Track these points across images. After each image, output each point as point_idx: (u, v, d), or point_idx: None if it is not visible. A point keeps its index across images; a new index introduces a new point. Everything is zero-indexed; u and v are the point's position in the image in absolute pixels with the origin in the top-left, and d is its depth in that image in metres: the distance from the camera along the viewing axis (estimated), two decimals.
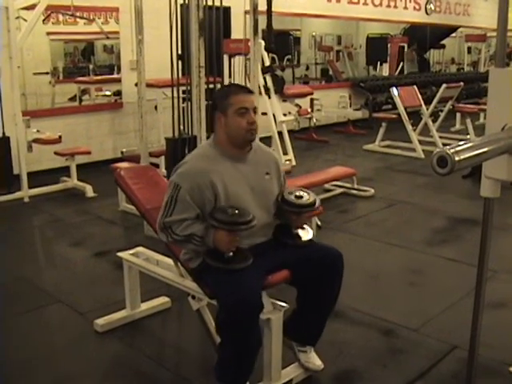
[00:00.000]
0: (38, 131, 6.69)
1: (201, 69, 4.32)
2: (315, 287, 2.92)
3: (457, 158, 1.49)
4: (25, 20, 6.62)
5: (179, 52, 5.18)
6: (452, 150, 1.48)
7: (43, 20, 7.82)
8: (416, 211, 6.18)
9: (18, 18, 6.54)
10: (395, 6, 13.28)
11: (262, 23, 5.57)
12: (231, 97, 2.83)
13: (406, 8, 13.63)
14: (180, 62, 5.49)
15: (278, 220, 3.04)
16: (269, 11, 8.02)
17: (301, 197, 3.03)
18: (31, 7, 6.45)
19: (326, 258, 2.92)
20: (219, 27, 5.46)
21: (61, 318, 3.87)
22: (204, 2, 4.71)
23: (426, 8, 14.20)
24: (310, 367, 3.06)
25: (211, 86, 5.02)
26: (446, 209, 6.19)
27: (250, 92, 2.95)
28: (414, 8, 13.89)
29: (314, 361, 3.07)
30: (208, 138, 4.91)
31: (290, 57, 13.48)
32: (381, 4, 12.84)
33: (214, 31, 5.33)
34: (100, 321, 3.59)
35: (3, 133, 6.38)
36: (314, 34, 14.58)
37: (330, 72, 14.44)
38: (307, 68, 14.88)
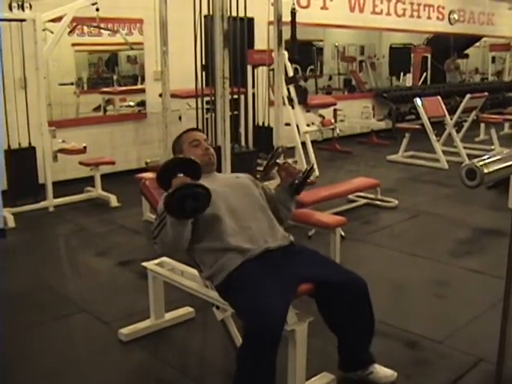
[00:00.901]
0: (63, 141, 6.75)
1: (225, 80, 4.33)
2: (348, 316, 2.95)
3: (486, 171, 1.48)
4: (51, 32, 6.69)
5: (203, 63, 5.22)
6: (481, 163, 1.48)
7: (69, 32, 7.90)
8: (440, 222, 6.13)
9: (44, 30, 6.61)
10: (418, 16, 13.25)
11: (285, 34, 5.60)
12: (183, 136, 3.24)
13: (429, 18, 13.59)
14: (203, 73, 5.52)
15: (282, 221, 3.22)
16: (293, 22, 8.06)
17: None
18: (57, 19, 6.52)
19: (351, 287, 2.91)
20: (243, 38, 5.49)
21: (85, 327, 3.88)
22: (228, 13, 4.74)
23: (449, 18, 14.15)
24: (387, 382, 3.06)
25: (235, 96, 5.04)
26: (471, 220, 6.14)
27: (198, 130, 3.42)
28: (438, 18, 13.86)
29: (386, 374, 3.07)
30: (232, 148, 4.96)
31: (312, 67, 13.49)
32: (404, 14, 12.81)
33: (238, 42, 5.37)
34: (124, 330, 3.61)
35: (29, 143, 6.44)
36: (336, 44, 14.57)
37: (353, 82, 14.42)
38: (330, 78, 14.86)
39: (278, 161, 3.26)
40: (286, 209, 3.27)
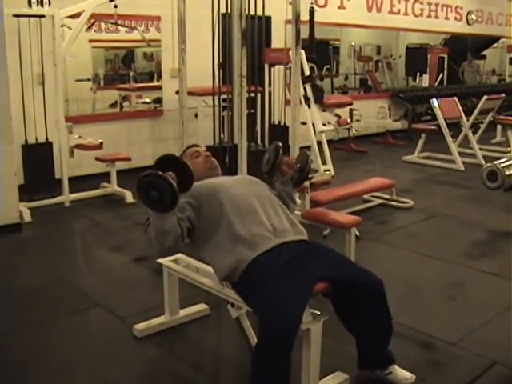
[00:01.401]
0: (79, 137, 6.78)
1: (243, 78, 4.33)
2: (364, 316, 2.97)
3: (507, 173, 1.48)
4: (69, 28, 6.73)
5: (219, 61, 5.22)
6: (503, 165, 1.47)
7: (87, 28, 7.94)
8: (455, 224, 6.11)
9: (62, 26, 6.65)
10: (436, 17, 13.20)
11: (302, 33, 5.61)
12: (185, 152, 3.46)
13: (447, 18, 13.53)
14: (220, 71, 5.52)
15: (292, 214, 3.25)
16: (311, 21, 8.05)
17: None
18: (76, 16, 6.56)
19: (367, 286, 2.92)
20: (260, 37, 5.48)
21: (100, 322, 3.91)
22: (246, 12, 4.73)
23: (467, 18, 14.08)
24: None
25: (252, 95, 5.04)
26: (486, 222, 6.11)
27: (198, 145, 3.60)
28: (456, 18, 13.79)
29: (405, 376, 3.08)
30: (249, 146, 4.96)
31: (328, 67, 13.47)
32: (421, 14, 12.77)
33: (256, 41, 5.36)
34: (139, 326, 3.63)
35: (46, 138, 6.48)
36: (353, 43, 14.53)
37: (369, 82, 14.38)
38: (346, 78, 14.83)
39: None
40: (291, 201, 3.38)
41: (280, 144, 3.35)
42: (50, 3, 6.23)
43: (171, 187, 2.69)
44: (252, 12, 5.13)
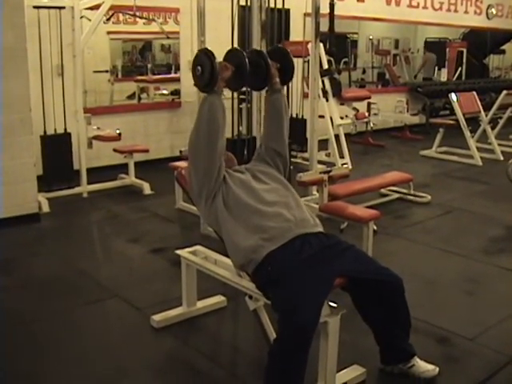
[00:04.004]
0: (98, 128, 6.81)
1: None
2: (383, 312, 2.99)
3: None
4: (89, 20, 6.74)
5: None
6: None
7: (105, 20, 7.96)
8: (473, 219, 6.08)
9: (82, 17, 6.67)
10: (456, 10, 13.09)
11: (321, 26, 5.62)
12: None
13: (466, 12, 13.41)
14: None
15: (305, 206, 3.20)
16: (331, 14, 8.01)
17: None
18: (95, 7, 6.57)
19: (387, 284, 2.93)
20: (280, 29, 5.48)
21: (118, 313, 3.93)
22: (266, 4, 4.74)
23: (487, 12, 13.95)
24: (428, 376, 3.08)
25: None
26: (505, 217, 6.08)
27: None
28: (475, 12, 13.66)
29: (427, 368, 3.09)
30: None
31: (346, 60, 13.42)
32: (441, 8, 12.67)
33: (276, 33, 5.37)
34: (156, 317, 3.65)
35: (65, 129, 6.51)
36: (371, 37, 14.48)
37: (387, 76, 14.32)
38: (364, 71, 14.78)
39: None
40: (286, 110, 3.34)
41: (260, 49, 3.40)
42: None
43: (211, 63, 2.84)
44: (271, 5, 5.13)
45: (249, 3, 5.12)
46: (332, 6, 8.15)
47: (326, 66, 8.04)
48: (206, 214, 3.10)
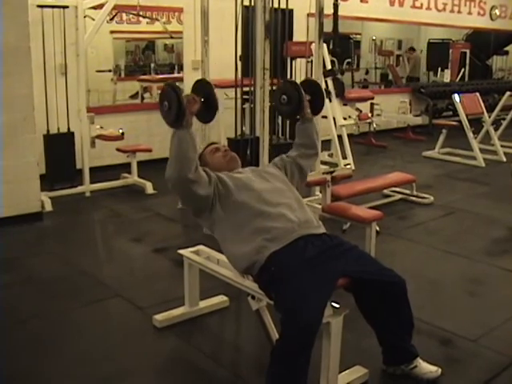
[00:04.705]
0: (101, 127, 6.81)
1: (265, 71, 4.33)
2: (386, 313, 2.99)
3: None
4: (92, 19, 6.75)
5: (240, 53, 5.23)
6: None
7: (109, 19, 7.97)
8: (476, 220, 6.07)
9: (85, 16, 6.67)
10: (459, 11, 13.08)
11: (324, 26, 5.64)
12: (204, 150, 3.42)
13: (470, 13, 13.40)
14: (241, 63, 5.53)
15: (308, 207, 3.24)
16: (335, 15, 8.01)
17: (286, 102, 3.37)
18: (99, 7, 6.57)
19: (390, 285, 2.93)
20: (283, 29, 5.47)
21: (120, 312, 3.93)
22: (270, 4, 4.74)
23: (490, 13, 13.93)
24: (431, 377, 3.08)
25: (274, 87, 5.04)
26: (507, 219, 6.07)
27: (216, 143, 3.58)
28: (479, 13, 13.65)
29: (430, 369, 3.09)
30: (270, 139, 4.97)
31: (349, 60, 13.41)
32: (444, 9, 12.66)
33: (279, 33, 5.36)
34: (159, 316, 3.65)
35: (68, 128, 6.51)
36: (374, 37, 14.47)
37: (390, 77, 14.30)
38: (367, 72, 14.78)
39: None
40: (314, 144, 3.45)
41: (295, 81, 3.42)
42: None
43: (178, 98, 2.73)
44: (275, 5, 5.12)
45: (252, 3, 5.12)
46: (336, 6, 8.15)
47: (329, 67, 8.04)
48: (206, 225, 3.19)
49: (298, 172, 3.39)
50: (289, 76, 7.85)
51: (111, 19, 8.19)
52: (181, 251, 3.71)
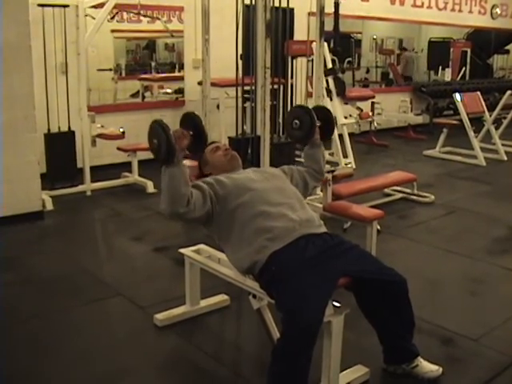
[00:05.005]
0: (102, 126, 6.81)
1: (266, 69, 4.32)
2: (387, 312, 2.99)
3: None
4: (93, 18, 6.74)
5: (240, 52, 5.23)
6: None
7: (109, 18, 7.95)
8: (477, 219, 6.07)
9: (86, 15, 6.67)
10: (460, 10, 13.07)
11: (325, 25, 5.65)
12: (206, 149, 3.39)
13: (470, 12, 13.39)
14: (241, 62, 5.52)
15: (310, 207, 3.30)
16: (336, 14, 8.01)
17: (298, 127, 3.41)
18: (99, 5, 6.57)
19: (391, 285, 2.93)
20: (284, 28, 5.47)
21: (121, 311, 3.93)
22: (271, 3, 4.73)
23: (491, 12, 13.92)
24: (432, 376, 3.08)
25: (275, 86, 5.04)
26: (508, 218, 6.07)
27: (217, 142, 3.58)
28: (480, 12, 13.64)
29: (431, 368, 3.09)
30: (271, 138, 4.97)
31: (350, 59, 13.40)
32: (445, 8, 12.65)
33: (280, 32, 5.36)
34: (159, 315, 3.65)
35: (69, 127, 6.51)
36: (374, 36, 14.46)
37: (391, 75, 14.29)
38: (367, 71, 14.76)
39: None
40: (320, 169, 3.52)
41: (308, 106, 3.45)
42: None
43: (167, 136, 2.70)
44: (276, 4, 5.12)
45: (253, 2, 5.12)
46: (337, 5, 8.15)
47: (330, 66, 8.04)
48: (210, 233, 3.19)
49: (302, 186, 3.41)
50: (289, 74, 7.86)
51: (112, 18, 8.16)
52: (182, 250, 3.71)
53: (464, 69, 13.99)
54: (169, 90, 9.38)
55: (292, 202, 3.07)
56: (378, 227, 4.95)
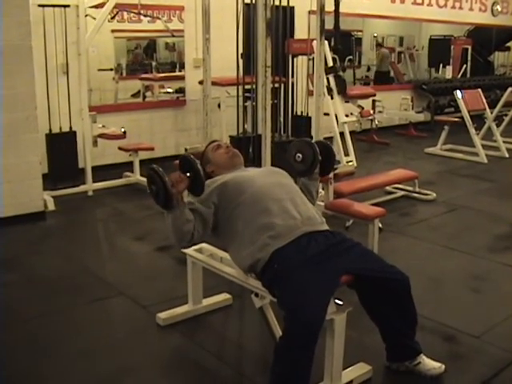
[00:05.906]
0: (103, 126, 6.82)
1: (267, 68, 4.31)
2: (390, 310, 3.00)
3: None
4: (93, 18, 6.74)
5: (241, 51, 5.22)
6: None
7: (110, 18, 7.95)
8: (478, 217, 6.07)
9: (86, 16, 6.67)
10: (460, 8, 13.06)
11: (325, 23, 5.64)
12: (206, 148, 3.49)
13: (471, 9, 13.38)
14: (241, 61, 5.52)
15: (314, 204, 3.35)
16: (336, 12, 8.00)
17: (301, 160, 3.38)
18: (100, 6, 6.58)
19: (394, 282, 2.94)
20: (284, 27, 5.46)
21: (123, 310, 3.94)
22: (271, 2, 4.72)
23: (492, 9, 13.91)
24: (434, 373, 3.08)
25: (276, 85, 5.03)
26: (510, 215, 6.07)
27: (218, 140, 3.63)
28: (480, 9, 13.63)
29: (433, 365, 3.10)
30: (272, 137, 4.96)
31: (351, 57, 13.38)
32: (445, 5, 12.64)
33: (281, 31, 5.35)
34: (162, 314, 3.65)
35: (70, 127, 6.52)
36: (375, 34, 14.44)
37: (392, 74, 14.27)
38: (368, 69, 14.74)
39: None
40: (312, 198, 3.41)
41: (312, 141, 3.43)
42: None
43: (164, 183, 2.78)
44: (276, 2, 5.11)
45: (253, 1, 5.11)
46: (337, 3, 8.14)
47: (330, 64, 8.02)
48: (216, 237, 3.23)
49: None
50: (290, 73, 7.86)
51: (112, 18, 8.17)
52: (184, 249, 3.71)
53: (465, 66, 13.99)
54: (170, 90, 9.38)
55: (294, 197, 3.08)
56: (380, 225, 4.96)
